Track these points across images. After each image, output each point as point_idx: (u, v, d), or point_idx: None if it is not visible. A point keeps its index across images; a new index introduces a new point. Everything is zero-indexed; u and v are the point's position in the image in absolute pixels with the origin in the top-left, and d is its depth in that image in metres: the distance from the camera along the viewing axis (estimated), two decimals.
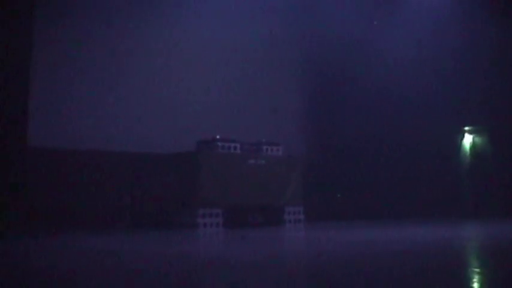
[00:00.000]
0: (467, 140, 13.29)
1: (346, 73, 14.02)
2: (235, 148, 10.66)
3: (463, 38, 12.57)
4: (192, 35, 12.21)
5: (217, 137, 10.52)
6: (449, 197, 12.56)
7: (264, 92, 13.28)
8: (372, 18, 14.02)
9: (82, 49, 10.64)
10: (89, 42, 10.74)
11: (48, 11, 10.20)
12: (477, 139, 13.19)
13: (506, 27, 12.15)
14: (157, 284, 3.71)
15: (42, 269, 4.60)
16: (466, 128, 13.29)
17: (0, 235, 7.90)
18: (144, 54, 11.49)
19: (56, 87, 10.28)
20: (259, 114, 12.79)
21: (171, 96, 11.63)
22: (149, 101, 11.37)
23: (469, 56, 12.59)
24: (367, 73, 13.79)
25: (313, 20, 14.01)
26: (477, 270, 4.29)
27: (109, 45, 11.04)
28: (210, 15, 12.55)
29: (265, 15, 13.30)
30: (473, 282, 3.63)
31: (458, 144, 13.29)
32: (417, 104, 13.26)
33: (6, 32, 9.07)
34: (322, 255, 5.34)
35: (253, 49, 13.11)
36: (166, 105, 11.51)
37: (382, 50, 13.58)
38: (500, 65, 12.33)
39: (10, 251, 6.26)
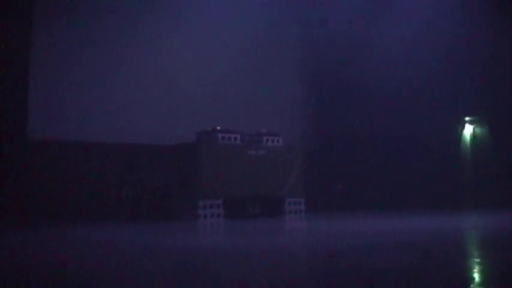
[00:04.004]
0: (468, 130, 13.26)
1: (346, 64, 13.96)
2: (235, 139, 10.64)
3: (464, 28, 12.49)
4: (191, 26, 12.15)
5: (218, 128, 10.50)
6: (449, 188, 12.54)
7: (263, 82, 13.24)
8: (371, 8, 13.94)
9: (80, 43, 10.59)
10: (87, 36, 10.68)
11: (47, 6, 10.15)
12: (478, 129, 13.17)
13: (505, 17, 12.09)
14: (159, 276, 3.71)
15: (42, 260, 4.60)
16: (467, 119, 13.26)
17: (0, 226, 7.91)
18: (143, 46, 11.44)
19: (55, 80, 10.23)
20: (259, 105, 12.76)
21: (171, 88, 11.60)
22: (148, 93, 11.34)
23: (469, 46, 12.53)
24: (367, 64, 13.73)
25: (313, 10, 13.95)
26: (477, 260, 4.29)
27: (107, 38, 10.98)
28: (209, 6, 12.49)
29: (265, 4, 13.24)
30: (473, 272, 3.63)
31: (459, 135, 13.26)
32: (417, 94, 13.20)
33: (6, 27, 9.05)
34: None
35: (253, 40, 13.05)
36: (166, 96, 11.47)
37: (382, 40, 13.51)
38: (501, 56, 12.27)
39: (10, 243, 6.26)
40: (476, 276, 3.50)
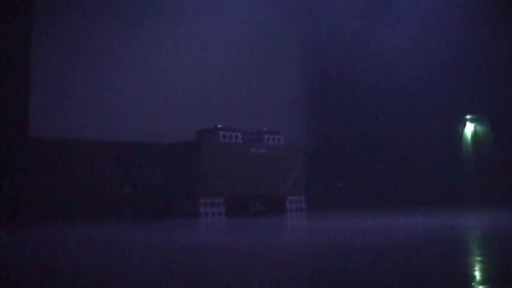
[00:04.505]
0: (469, 128, 13.27)
1: (347, 62, 13.98)
2: (236, 137, 10.66)
3: (464, 27, 12.50)
4: (192, 25, 12.16)
5: (219, 126, 10.51)
6: (450, 185, 12.56)
7: (265, 81, 13.26)
8: (372, 8, 13.94)
9: (81, 42, 10.61)
10: (88, 35, 10.70)
11: (48, 5, 10.16)
12: (478, 127, 13.18)
13: (506, 16, 12.09)
14: (158, 275, 3.72)
15: (42, 259, 4.62)
16: (468, 117, 13.27)
17: (3, 224, 7.93)
18: (144, 45, 11.45)
19: (56, 79, 10.26)
20: (260, 104, 12.78)
21: (172, 86, 11.61)
22: (150, 91, 11.36)
23: (470, 45, 12.54)
24: (368, 62, 13.75)
25: (314, 9, 13.96)
26: (478, 258, 4.30)
27: (108, 37, 11.00)
28: (210, 5, 12.49)
29: (266, 3, 13.24)
30: (474, 271, 3.64)
31: (460, 133, 13.27)
32: (418, 93, 13.23)
33: (7, 26, 9.06)
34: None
35: (254, 39, 13.06)
36: (167, 95, 11.49)
37: (383, 39, 13.52)
38: (502, 54, 12.27)
39: (10, 242, 6.28)
40: (478, 274, 3.52)
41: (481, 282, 3.23)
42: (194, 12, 12.20)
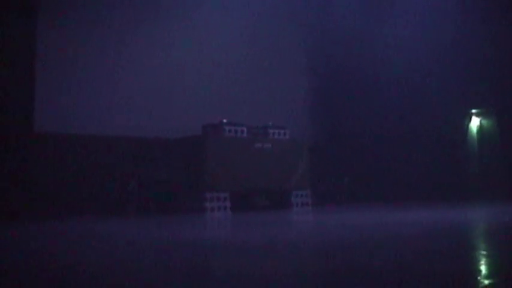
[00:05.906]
0: (475, 122, 13.23)
1: (353, 58, 13.95)
2: (241, 132, 10.67)
3: (470, 20, 12.45)
4: (197, 20, 12.15)
5: (224, 120, 10.52)
6: (456, 180, 12.53)
7: (270, 75, 13.25)
8: (378, 2, 13.90)
9: (86, 37, 10.62)
10: (93, 30, 10.71)
11: (53, 2, 10.17)
12: (484, 122, 13.13)
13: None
14: (164, 270, 3.74)
15: (46, 254, 4.64)
16: (473, 111, 13.22)
17: (8, 220, 7.98)
18: (149, 40, 11.45)
19: (61, 74, 10.28)
20: (265, 98, 12.77)
21: (177, 81, 11.62)
22: (155, 86, 11.36)
23: (475, 38, 12.48)
24: (374, 58, 13.72)
25: (319, 4, 13.92)
26: (484, 252, 4.30)
27: (113, 32, 11.00)
28: (215, 0, 12.48)
29: None
30: (480, 265, 3.64)
31: (465, 127, 13.23)
32: (424, 87, 13.19)
33: (12, 22, 9.07)
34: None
35: (260, 33, 13.05)
36: (173, 89, 11.50)
37: (388, 34, 13.48)
38: (508, 48, 12.21)
39: (15, 237, 6.32)
40: (483, 268, 3.52)
41: (487, 277, 3.23)
42: (200, 7, 12.19)
